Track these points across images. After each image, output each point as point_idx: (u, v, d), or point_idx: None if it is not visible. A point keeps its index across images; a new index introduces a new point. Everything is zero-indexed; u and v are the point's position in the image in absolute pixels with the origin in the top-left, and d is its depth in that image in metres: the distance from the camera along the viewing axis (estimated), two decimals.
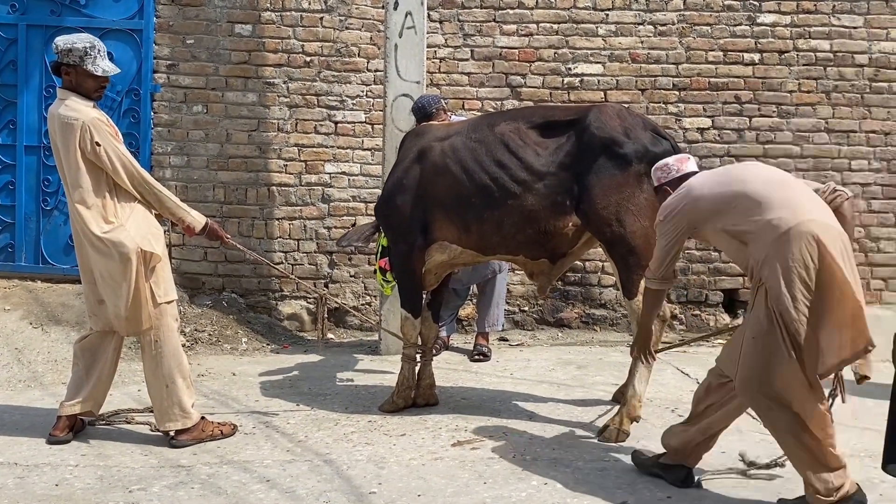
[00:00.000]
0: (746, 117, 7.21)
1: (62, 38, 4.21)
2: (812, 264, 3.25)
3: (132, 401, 5.00)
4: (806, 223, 3.28)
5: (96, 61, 4.16)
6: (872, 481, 3.76)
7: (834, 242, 3.28)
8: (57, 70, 4.22)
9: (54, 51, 4.19)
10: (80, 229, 4.17)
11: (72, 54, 4.13)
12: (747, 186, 3.47)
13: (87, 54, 4.14)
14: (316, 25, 7.09)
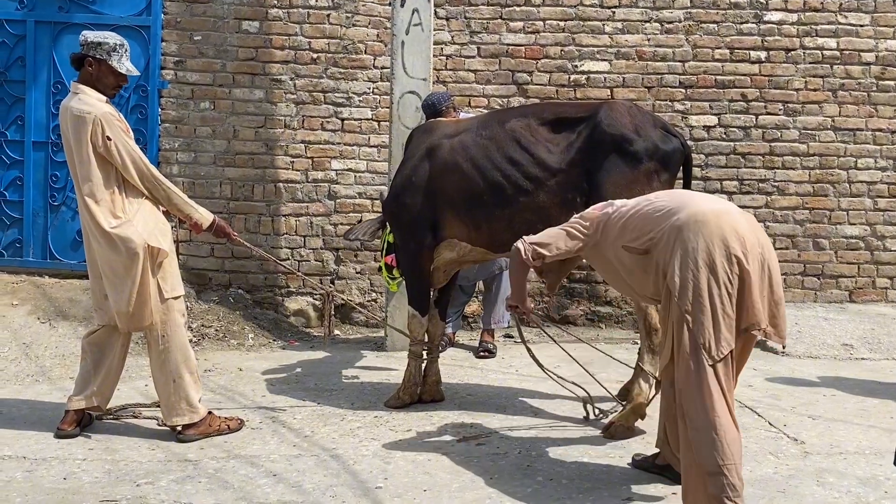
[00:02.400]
0: (753, 115, 7.21)
1: (92, 32, 4.32)
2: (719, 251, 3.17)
3: (139, 395, 5.03)
4: (703, 213, 3.26)
5: (122, 60, 4.25)
6: (877, 478, 3.77)
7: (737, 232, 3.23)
8: (79, 62, 4.26)
9: (81, 42, 4.25)
10: (88, 224, 4.19)
11: (101, 48, 4.20)
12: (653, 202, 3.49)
13: (115, 51, 4.22)
14: (323, 22, 7.10)
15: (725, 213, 3.29)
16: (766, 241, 3.32)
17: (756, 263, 3.20)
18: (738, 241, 3.18)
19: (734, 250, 3.16)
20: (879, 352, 6.33)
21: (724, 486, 3.08)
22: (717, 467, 3.10)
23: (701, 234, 3.20)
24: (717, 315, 3.15)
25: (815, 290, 7.24)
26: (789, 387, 5.38)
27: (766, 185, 7.23)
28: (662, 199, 3.51)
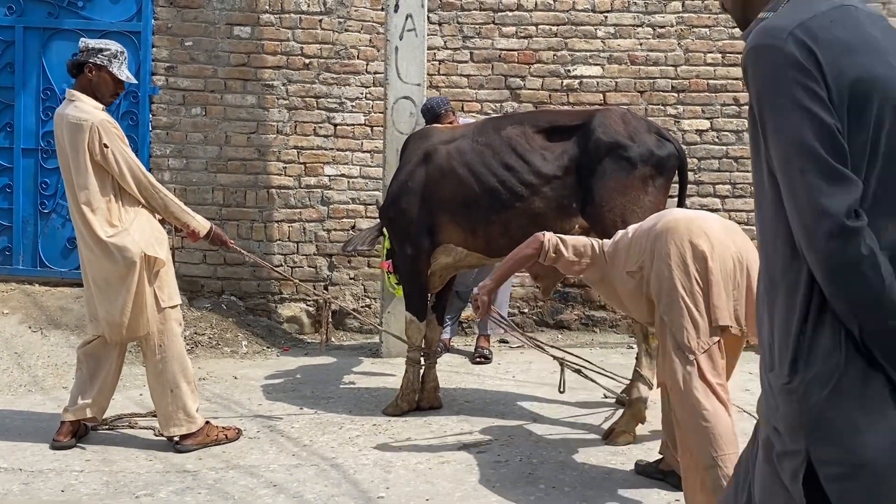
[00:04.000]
0: (745, 119, 7.22)
1: (91, 39, 4.34)
2: (689, 252, 3.24)
3: (134, 405, 4.98)
4: (675, 220, 3.36)
5: (122, 67, 4.25)
6: None
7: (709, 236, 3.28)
8: (77, 69, 4.22)
9: (81, 48, 4.23)
10: (83, 232, 4.15)
11: (102, 54, 4.18)
12: (642, 224, 3.58)
13: (115, 58, 4.22)
14: (315, 27, 7.08)
15: (697, 217, 3.41)
16: (746, 243, 3.35)
17: (724, 262, 3.24)
18: (706, 241, 3.25)
19: (701, 248, 3.23)
20: None
21: (720, 477, 3.08)
22: (711, 460, 3.10)
23: (672, 239, 3.29)
24: (691, 313, 3.21)
25: None
26: None
27: None
28: (650, 219, 3.59)
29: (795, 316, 1.47)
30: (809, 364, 1.45)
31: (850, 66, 1.42)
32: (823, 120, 1.40)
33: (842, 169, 1.40)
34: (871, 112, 1.42)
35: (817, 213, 1.39)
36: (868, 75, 1.42)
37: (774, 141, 1.45)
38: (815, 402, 1.44)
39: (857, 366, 1.42)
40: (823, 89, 1.41)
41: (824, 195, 1.38)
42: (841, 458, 1.43)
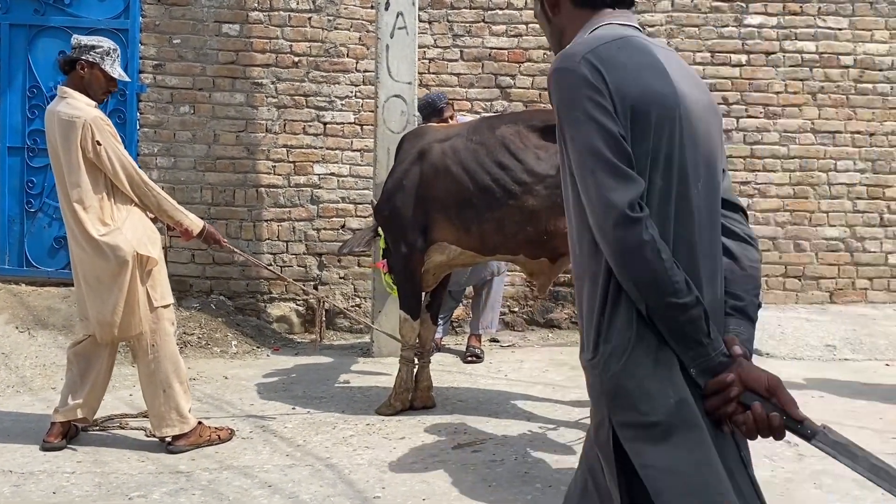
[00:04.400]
0: (734, 118, 7.25)
1: (84, 36, 4.30)
2: None
3: (125, 405, 4.94)
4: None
5: (115, 64, 4.21)
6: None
7: None
8: (69, 65, 4.18)
9: (74, 45, 4.19)
10: (75, 231, 4.10)
11: (94, 51, 4.14)
12: None
13: (108, 55, 4.17)
14: (304, 25, 7.04)
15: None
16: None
17: None
18: None
19: None
20: (862, 352, 6.39)
21: None
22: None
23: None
24: None
25: (796, 292, 7.30)
26: None
27: (747, 188, 7.28)
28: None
29: (597, 301, 1.67)
30: (607, 341, 1.64)
31: (632, 84, 1.63)
32: (609, 129, 1.61)
33: (625, 169, 1.60)
34: (651, 123, 1.63)
35: (605, 205, 1.59)
36: (648, 91, 1.64)
37: (572, 148, 1.65)
38: (612, 374, 1.63)
39: (649, 340, 1.61)
40: (610, 103, 1.62)
41: (611, 191, 1.58)
42: (636, 421, 1.61)
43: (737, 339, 1.65)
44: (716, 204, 1.74)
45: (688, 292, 1.59)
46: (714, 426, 1.61)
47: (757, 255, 1.83)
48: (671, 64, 1.71)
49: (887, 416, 4.78)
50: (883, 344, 6.47)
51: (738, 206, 1.85)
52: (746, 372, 1.60)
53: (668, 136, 1.65)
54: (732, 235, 1.81)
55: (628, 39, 1.71)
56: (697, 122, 1.70)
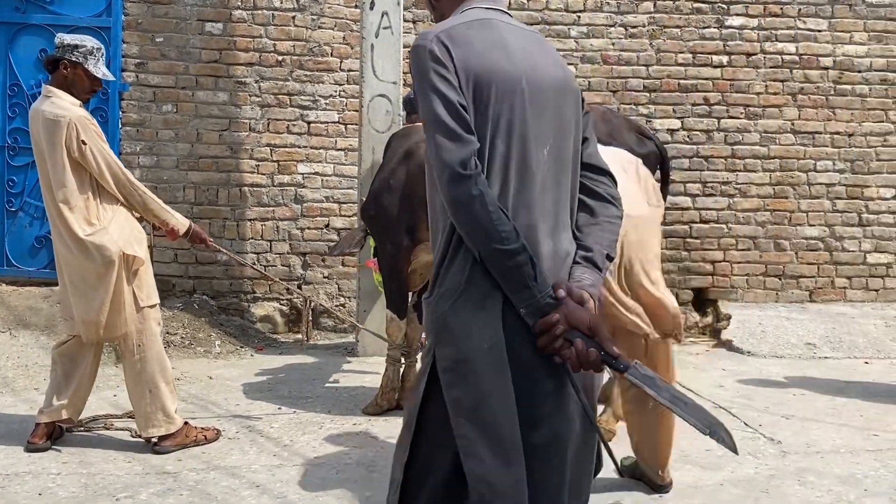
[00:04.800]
0: (715, 118, 7.31)
1: (68, 35, 4.24)
2: None
3: (109, 406, 4.91)
4: None
5: (98, 63, 4.17)
6: (856, 476, 3.84)
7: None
8: (53, 65, 4.14)
9: (57, 44, 4.15)
10: (60, 231, 4.07)
11: (78, 50, 4.10)
12: None
13: (91, 54, 4.14)
14: (288, 24, 7.03)
15: None
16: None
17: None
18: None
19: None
20: (841, 350, 6.48)
21: None
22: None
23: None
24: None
25: (776, 291, 7.37)
26: (759, 387, 5.46)
27: (728, 188, 7.34)
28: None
29: (439, 250, 1.88)
30: (441, 284, 1.86)
31: (476, 60, 1.84)
32: (449, 98, 1.81)
33: (460, 132, 1.79)
34: (492, 94, 1.84)
35: (441, 164, 1.78)
36: (490, 67, 1.84)
37: (421, 115, 1.85)
38: (441, 312, 1.85)
39: (479, 287, 1.81)
40: (454, 76, 1.82)
41: (446, 151, 1.78)
42: (452, 355, 1.83)
43: (564, 284, 1.83)
44: (565, 168, 1.94)
45: (514, 241, 1.77)
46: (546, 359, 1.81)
47: (616, 212, 2.01)
48: (524, 45, 1.92)
49: (867, 413, 4.85)
50: (862, 342, 6.56)
51: (604, 170, 2.04)
52: (571, 312, 1.77)
53: (508, 107, 1.85)
54: (594, 195, 2.01)
55: (484, 21, 1.92)
56: (545, 96, 1.90)
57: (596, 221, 1.98)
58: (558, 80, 1.95)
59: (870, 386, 5.49)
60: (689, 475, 3.89)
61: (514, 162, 1.85)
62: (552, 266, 1.86)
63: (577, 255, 1.92)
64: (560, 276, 1.86)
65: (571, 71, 2.04)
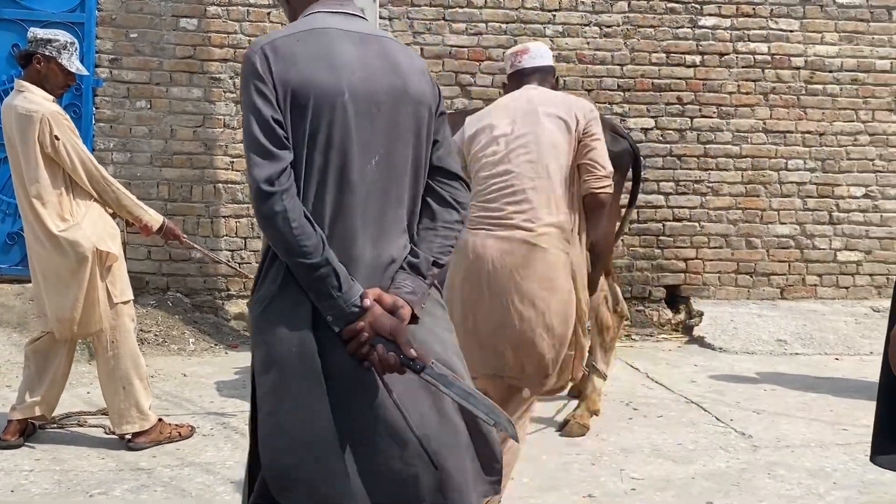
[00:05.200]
0: (688, 118, 7.38)
1: (41, 29, 4.24)
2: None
3: (83, 403, 4.88)
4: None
5: (72, 58, 4.15)
6: (825, 470, 3.91)
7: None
8: (26, 59, 4.11)
9: (30, 38, 4.13)
10: (33, 227, 4.04)
11: (51, 45, 4.08)
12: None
13: (65, 49, 4.11)
14: (263, 20, 7.01)
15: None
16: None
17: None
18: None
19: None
20: (812, 347, 6.57)
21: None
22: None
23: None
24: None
25: (748, 288, 7.45)
26: (731, 383, 5.53)
27: (700, 186, 7.41)
28: None
29: (261, 257, 1.99)
30: (258, 290, 1.96)
31: (295, 74, 1.87)
32: (264, 114, 1.85)
33: (270, 148, 1.84)
34: (309, 108, 1.87)
35: (251, 179, 1.85)
36: (308, 81, 1.87)
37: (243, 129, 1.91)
38: (255, 316, 1.95)
39: (291, 295, 1.90)
40: (272, 91, 1.86)
41: (254, 167, 1.84)
42: (263, 359, 1.92)
43: (374, 292, 1.90)
44: (397, 176, 1.98)
45: (317, 255, 1.85)
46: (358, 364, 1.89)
47: (455, 217, 2.07)
48: (359, 55, 1.94)
49: (837, 408, 4.93)
50: (832, 339, 6.66)
51: (455, 174, 2.09)
52: (375, 320, 1.87)
53: (328, 120, 1.88)
54: (439, 199, 2.06)
55: (317, 32, 1.94)
56: (375, 106, 1.94)
57: (433, 227, 2.04)
58: (395, 88, 1.97)
59: (839, 382, 5.58)
60: (661, 469, 3.94)
61: (333, 174, 1.90)
62: (370, 274, 1.94)
63: (405, 261, 1.99)
64: (380, 283, 1.94)
65: (422, 77, 2.04)
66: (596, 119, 3.15)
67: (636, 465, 3.97)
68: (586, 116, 3.11)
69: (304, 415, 1.89)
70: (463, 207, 2.11)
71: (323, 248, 1.85)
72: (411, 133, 2.00)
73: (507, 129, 3.08)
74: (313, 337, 1.89)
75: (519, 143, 3.05)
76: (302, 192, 1.89)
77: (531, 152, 3.02)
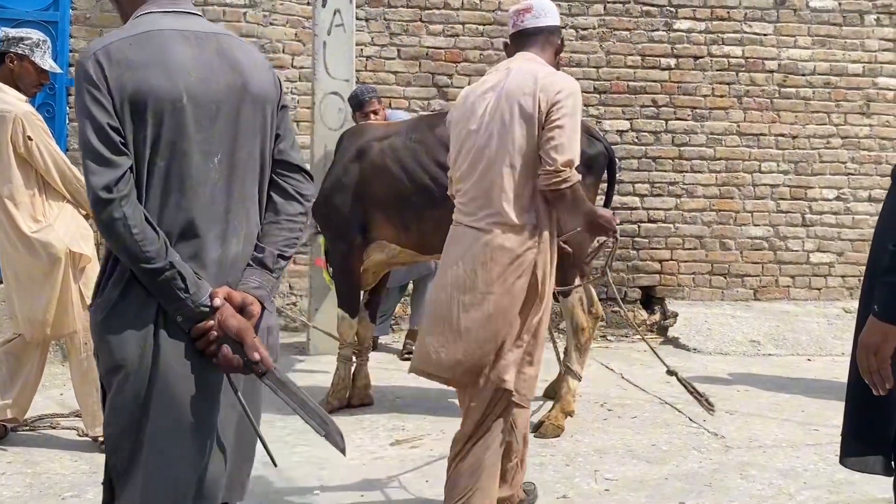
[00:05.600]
0: (663, 120, 7.43)
1: (13, 29, 4.20)
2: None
3: (56, 405, 4.84)
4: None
5: (45, 56, 4.12)
6: (796, 470, 3.95)
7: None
8: None
9: (2, 38, 4.09)
10: (5, 228, 4.01)
11: (23, 43, 4.05)
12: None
13: (38, 46, 4.09)
14: (239, 21, 6.98)
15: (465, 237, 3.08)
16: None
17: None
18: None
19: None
20: (784, 348, 6.64)
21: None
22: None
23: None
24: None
25: (722, 289, 7.52)
26: (705, 383, 5.54)
27: (675, 188, 7.47)
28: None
29: (103, 261, 1.98)
30: (101, 294, 1.96)
31: (130, 80, 1.87)
32: (99, 121, 1.85)
33: (107, 155, 1.84)
34: (147, 113, 1.88)
35: (89, 187, 1.85)
36: (145, 86, 1.88)
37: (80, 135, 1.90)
38: (96, 322, 1.95)
39: (134, 299, 1.91)
40: (107, 98, 1.86)
41: (92, 175, 1.85)
42: (107, 362, 1.94)
43: (223, 290, 1.94)
44: (240, 174, 2.01)
45: (160, 259, 1.86)
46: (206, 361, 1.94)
47: (298, 209, 2.13)
48: (195, 55, 1.96)
49: (808, 408, 4.99)
50: (805, 339, 6.73)
51: (298, 167, 2.15)
52: (223, 321, 1.91)
53: (167, 125, 1.90)
54: (283, 193, 2.11)
55: (150, 34, 1.94)
56: (214, 106, 1.95)
57: (277, 220, 2.09)
58: (234, 86, 1.99)
59: (811, 382, 5.64)
60: (635, 469, 3.97)
61: (175, 177, 1.92)
62: (218, 272, 1.97)
63: (252, 256, 2.04)
64: (228, 281, 1.98)
65: (262, 73, 2.07)
66: (561, 103, 2.90)
67: (610, 466, 4.00)
68: (549, 101, 2.91)
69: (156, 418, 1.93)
70: (306, 199, 2.16)
71: (166, 252, 1.88)
72: (253, 130, 2.04)
73: (477, 126, 3.05)
74: (158, 337, 1.92)
75: (485, 143, 3.01)
76: (145, 197, 1.91)
77: (496, 151, 2.97)
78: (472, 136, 3.07)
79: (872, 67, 7.62)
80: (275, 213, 2.10)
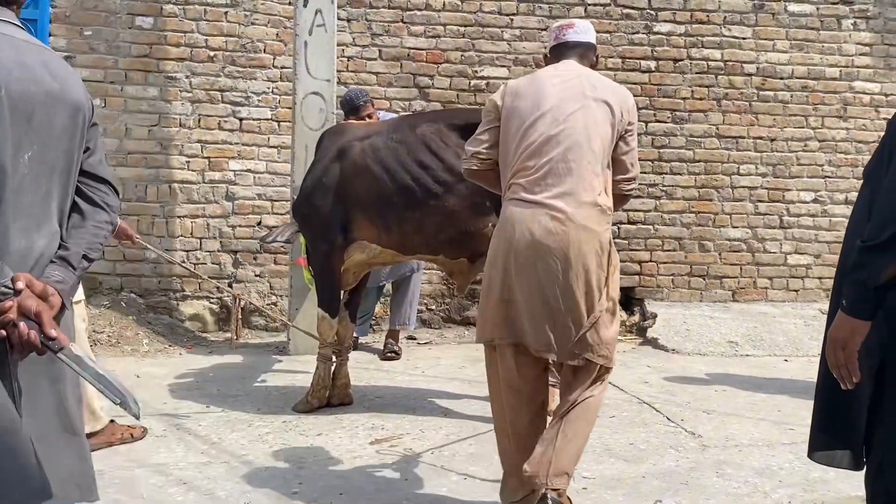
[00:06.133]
0: (643, 122, 7.48)
1: None
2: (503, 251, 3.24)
3: None
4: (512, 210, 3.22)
5: None
6: (771, 468, 3.99)
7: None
8: None
9: None
10: None
11: None
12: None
13: None
14: (220, 20, 6.97)
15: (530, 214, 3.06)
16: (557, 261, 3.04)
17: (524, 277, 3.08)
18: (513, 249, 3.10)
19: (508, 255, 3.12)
20: (762, 348, 6.70)
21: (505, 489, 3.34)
22: (504, 466, 3.35)
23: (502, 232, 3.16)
24: (486, 306, 3.25)
25: (700, 290, 7.58)
26: (683, 384, 5.62)
27: (654, 190, 7.52)
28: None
29: None
30: None
31: None
32: None
33: None
34: None
35: None
36: None
37: None
38: None
39: None
40: None
41: None
42: None
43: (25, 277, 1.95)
44: (51, 173, 2.07)
45: None
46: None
47: (104, 217, 2.21)
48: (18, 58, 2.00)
49: (785, 408, 5.03)
50: (782, 340, 6.80)
51: (104, 179, 2.24)
52: (22, 301, 1.92)
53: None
54: (90, 201, 2.19)
55: None
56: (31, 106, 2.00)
57: (83, 225, 2.17)
58: (52, 91, 2.06)
59: (788, 383, 5.70)
60: (613, 468, 3.99)
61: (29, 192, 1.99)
62: (21, 262, 2.01)
63: (57, 254, 2.09)
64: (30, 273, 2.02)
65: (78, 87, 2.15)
66: (635, 111, 3.25)
67: (588, 465, 4.02)
68: (630, 111, 3.18)
69: None
70: (112, 210, 2.25)
71: None
72: (65, 134, 2.11)
73: (554, 104, 3.08)
74: None
75: (567, 123, 3.05)
76: None
77: (578, 132, 3.03)
78: (548, 117, 3.07)
79: (849, 71, 7.71)
80: (82, 217, 2.18)
